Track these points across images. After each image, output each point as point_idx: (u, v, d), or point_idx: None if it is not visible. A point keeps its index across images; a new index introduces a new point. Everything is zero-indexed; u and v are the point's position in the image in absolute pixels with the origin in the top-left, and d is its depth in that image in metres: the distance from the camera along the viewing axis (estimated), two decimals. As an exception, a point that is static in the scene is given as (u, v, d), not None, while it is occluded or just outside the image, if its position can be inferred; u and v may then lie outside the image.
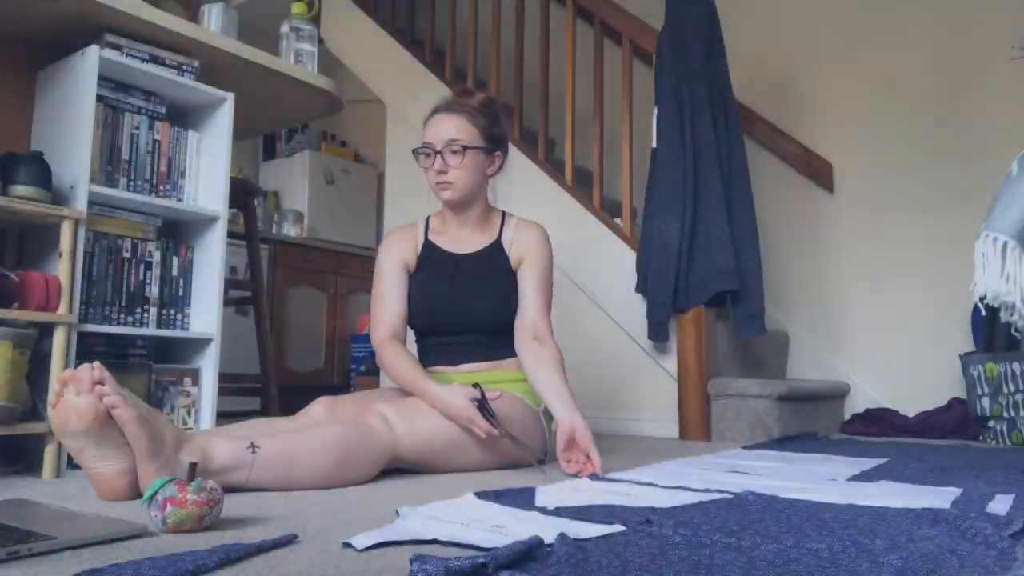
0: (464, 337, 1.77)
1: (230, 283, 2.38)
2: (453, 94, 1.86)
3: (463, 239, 1.83)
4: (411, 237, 1.84)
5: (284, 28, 2.18)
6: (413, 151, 1.79)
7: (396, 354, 1.67)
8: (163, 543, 0.91)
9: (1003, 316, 1.45)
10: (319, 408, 1.63)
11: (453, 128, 1.73)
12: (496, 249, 1.82)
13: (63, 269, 1.51)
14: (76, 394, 1.15)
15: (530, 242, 1.82)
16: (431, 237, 1.84)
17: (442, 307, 1.76)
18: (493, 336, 1.77)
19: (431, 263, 1.81)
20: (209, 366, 1.81)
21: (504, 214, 1.89)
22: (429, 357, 1.80)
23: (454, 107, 1.77)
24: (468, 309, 1.76)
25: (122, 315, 1.71)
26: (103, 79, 1.70)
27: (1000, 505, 1.20)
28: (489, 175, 1.83)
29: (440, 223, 1.86)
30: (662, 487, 1.38)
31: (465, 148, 1.73)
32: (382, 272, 1.79)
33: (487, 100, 1.83)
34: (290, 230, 4.46)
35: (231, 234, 2.04)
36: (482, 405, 1.52)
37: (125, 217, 1.75)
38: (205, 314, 1.83)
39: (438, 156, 1.73)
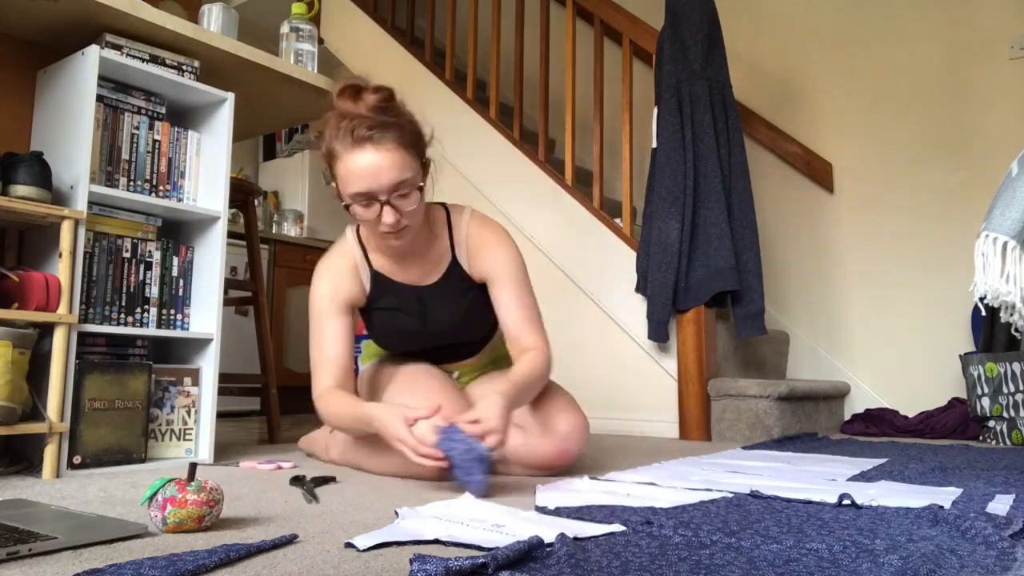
0: (449, 350, 1.68)
1: (230, 283, 2.38)
2: (349, 101, 1.39)
3: (416, 266, 1.58)
4: (350, 270, 1.57)
5: (284, 28, 2.18)
6: (344, 206, 1.42)
7: (327, 402, 1.48)
8: (163, 543, 0.91)
9: (1003, 316, 1.45)
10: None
11: (394, 167, 1.35)
12: (454, 271, 1.59)
13: (63, 269, 1.51)
14: None
15: (494, 257, 1.56)
16: (376, 267, 1.58)
17: (423, 344, 1.64)
18: (479, 343, 1.70)
19: (391, 298, 1.59)
20: (209, 366, 1.81)
21: (447, 215, 1.61)
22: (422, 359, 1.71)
23: (378, 134, 1.35)
24: (451, 342, 1.64)
25: (122, 315, 1.70)
26: (103, 79, 1.70)
27: (1000, 505, 1.20)
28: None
29: (380, 248, 1.57)
30: (662, 487, 1.39)
31: (416, 187, 1.40)
32: (321, 317, 1.54)
33: (389, 96, 1.41)
34: (290, 230, 4.46)
35: (231, 234, 2.04)
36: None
37: (125, 217, 1.75)
38: (205, 314, 1.83)
39: (385, 207, 1.38)
